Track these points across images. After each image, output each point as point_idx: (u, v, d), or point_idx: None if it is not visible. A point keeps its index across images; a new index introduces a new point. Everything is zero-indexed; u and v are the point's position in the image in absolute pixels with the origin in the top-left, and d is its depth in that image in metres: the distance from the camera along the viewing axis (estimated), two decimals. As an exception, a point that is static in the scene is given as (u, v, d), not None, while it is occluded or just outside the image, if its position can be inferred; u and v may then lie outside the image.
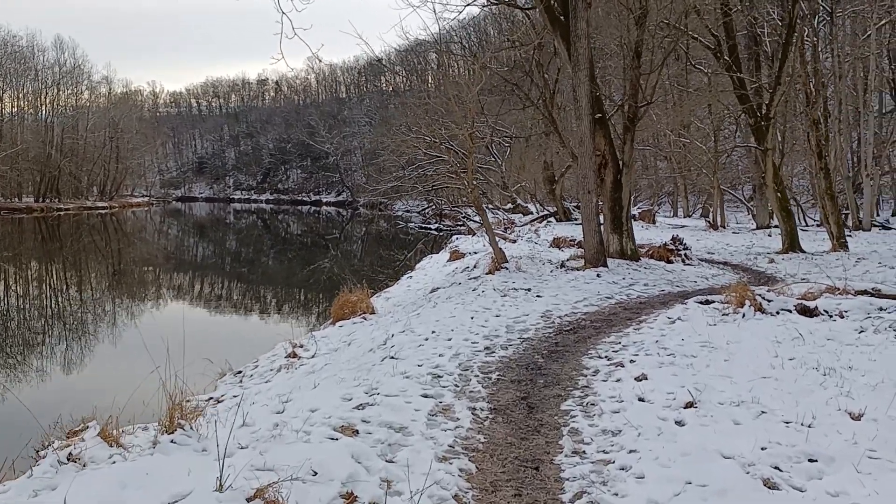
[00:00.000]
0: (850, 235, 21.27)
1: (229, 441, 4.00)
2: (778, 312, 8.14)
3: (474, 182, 15.60)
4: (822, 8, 24.46)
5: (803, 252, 19.27)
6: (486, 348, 7.24)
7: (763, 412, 4.65)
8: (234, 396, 8.78)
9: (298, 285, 24.50)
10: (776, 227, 29.73)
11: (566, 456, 4.33)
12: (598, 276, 12.83)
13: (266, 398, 6.81)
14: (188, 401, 8.77)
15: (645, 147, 35.28)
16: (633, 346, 7.04)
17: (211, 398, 8.92)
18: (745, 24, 23.68)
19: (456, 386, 5.73)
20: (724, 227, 31.27)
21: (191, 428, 4.11)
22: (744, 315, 8.16)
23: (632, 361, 6.33)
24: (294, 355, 10.19)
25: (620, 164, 15.53)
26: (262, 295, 22.90)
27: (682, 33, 18.61)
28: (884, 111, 34.34)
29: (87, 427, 5.00)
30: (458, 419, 4.90)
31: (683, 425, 4.56)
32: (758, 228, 30.41)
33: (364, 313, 12.58)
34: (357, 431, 4.40)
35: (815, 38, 22.75)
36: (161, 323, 16.76)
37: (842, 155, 29.42)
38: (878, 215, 30.10)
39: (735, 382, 5.35)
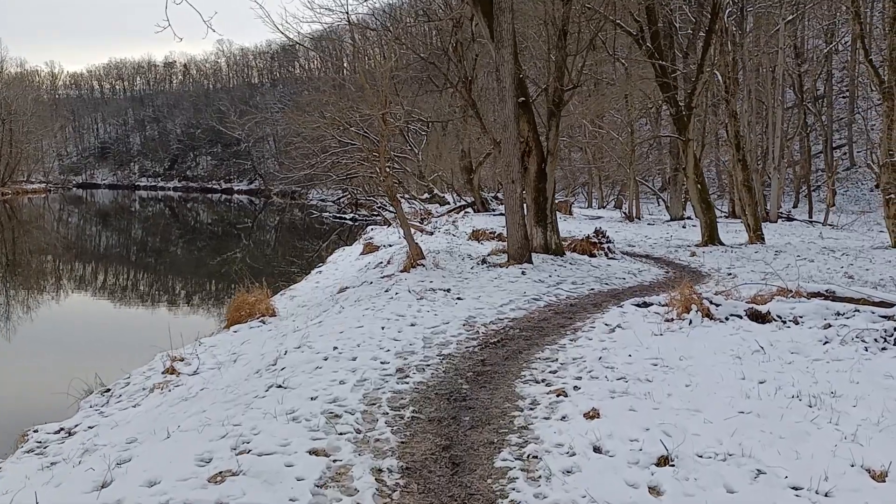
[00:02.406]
0: (760, 227, 21.21)
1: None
2: (728, 318, 7.23)
3: (389, 170, 14.29)
4: (731, 2, 24.39)
5: (723, 245, 19.01)
6: (399, 370, 5.92)
7: (760, 471, 3.55)
8: (90, 427, 7.21)
9: (205, 279, 22.47)
10: (689, 218, 29.88)
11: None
12: (522, 273, 11.75)
13: (110, 441, 5.28)
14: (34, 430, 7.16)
15: (560, 138, 34.84)
16: (573, 365, 5.90)
17: (62, 429, 7.32)
18: (663, 14, 23.28)
19: (357, 431, 4.38)
20: (640, 219, 31.22)
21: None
22: (691, 322, 7.22)
23: (576, 388, 5.17)
24: (172, 370, 8.64)
25: (545, 152, 14.52)
26: (166, 289, 20.77)
27: (605, 19, 17.81)
28: (786, 106, 35.18)
29: None
30: (356, 491, 3.55)
31: (661, 495, 3.41)
32: (672, 220, 30.49)
33: (263, 316, 11.20)
34: (203, 529, 3.01)
35: (733, 29, 22.59)
36: (36, 326, 14.55)
37: (752, 148, 29.83)
38: (780, 207, 30.77)
39: (709, 421, 4.25)
